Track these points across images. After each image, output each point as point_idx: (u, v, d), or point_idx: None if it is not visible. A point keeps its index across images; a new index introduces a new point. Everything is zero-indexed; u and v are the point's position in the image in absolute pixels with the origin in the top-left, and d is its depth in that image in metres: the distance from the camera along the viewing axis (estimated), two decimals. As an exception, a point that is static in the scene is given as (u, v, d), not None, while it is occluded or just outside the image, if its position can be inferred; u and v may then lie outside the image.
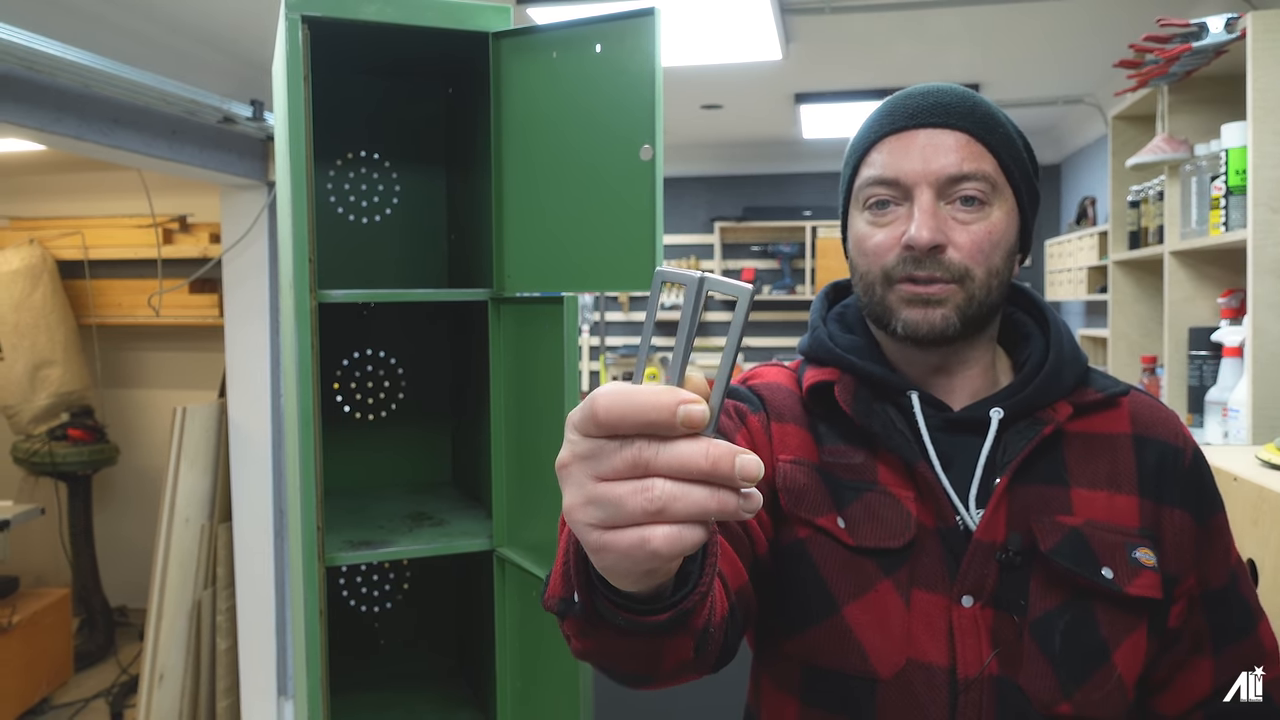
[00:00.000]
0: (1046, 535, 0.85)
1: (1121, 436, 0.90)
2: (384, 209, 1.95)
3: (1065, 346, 0.92)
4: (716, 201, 5.12)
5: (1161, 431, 0.91)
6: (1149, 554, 0.85)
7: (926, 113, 0.88)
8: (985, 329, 0.92)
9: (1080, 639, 0.83)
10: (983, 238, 0.86)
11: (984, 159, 0.87)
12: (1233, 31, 2.00)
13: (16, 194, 4.84)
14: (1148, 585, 0.84)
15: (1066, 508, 0.86)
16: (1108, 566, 0.84)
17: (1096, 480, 0.88)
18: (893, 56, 3.11)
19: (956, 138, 0.87)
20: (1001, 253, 0.88)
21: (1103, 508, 0.87)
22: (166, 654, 3.29)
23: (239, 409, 3.40)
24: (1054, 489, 0.87)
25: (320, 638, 1.42)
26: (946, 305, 0.87)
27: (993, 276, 0.87)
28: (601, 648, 0.68)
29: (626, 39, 1.32)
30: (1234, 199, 2.01)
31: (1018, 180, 0.89)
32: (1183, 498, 0.89)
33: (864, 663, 0.85)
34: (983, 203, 0.86)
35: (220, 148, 3.02)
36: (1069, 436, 0.89)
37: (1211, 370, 2.19)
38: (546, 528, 1.48)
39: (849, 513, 0.88)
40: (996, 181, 0.87)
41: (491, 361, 1.58)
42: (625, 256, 1.35)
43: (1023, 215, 0.91)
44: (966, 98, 0.90)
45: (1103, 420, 0.90)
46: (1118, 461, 0.89)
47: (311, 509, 1.42)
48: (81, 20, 2.43)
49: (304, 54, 1.38)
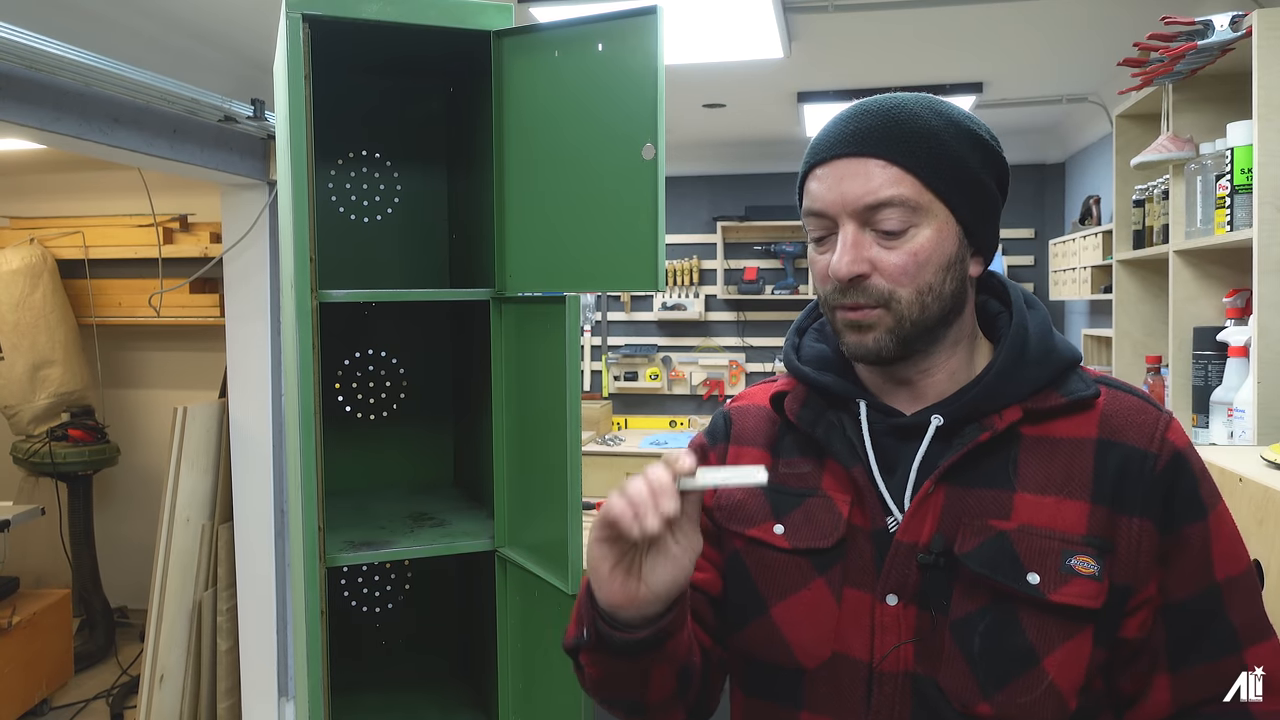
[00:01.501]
0: (967, 539, 0.86)
1: (1084, 441, 0.88)
2: (385, 208, 1.95)
3: (1029, 347, 0.90)
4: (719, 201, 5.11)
5: (1133, 436, 0.87)
6: (1088, 562, 0.84)
7: (845, 141, 0.89)
8: (937, 339, 0.92)
9: (1002, 642, 0.85)
10: (907, 261, 0.87)
11: (901, 182, 0.87)
12: (1238, 29, 1.99)
13: (17, 193, 4.84)
14: (1080, 594, 0.83)
15: (1004, 512, 0.87)
16: (1034, 572, 0.84)
17: (1047, 485, 0.87)
18: (895, 55, 3.11)
19: (870, 165, 0.87)
20: (933, 269, 0.88)
21: (1047, 513, 0.86)
22: (167, 655, 3.29)
23: (240, 409, 3.39)
24: (995, 493, 0.87)
25: (321, 638, 1.41)
26: (877, 329, 0.89)
27: (925, 294, 0.88)
28: (604, 672, 0.90)
29: (628, 38, 1.31)
30: (1239, 198, 2.00)
31: (949, 192, 0.88)
32: (1145, 505, 0.85)
33: (789, 656, 0.93)
34: (904, 227, 0.87)
35: (221, 147, 3.01)
36: (1026, 440, 0.89)
37: (1216, 370, 2.18)
38: (548, 528, 1.47)
39: (790, 519, 0.95)
40: (919, 203, 0.87)
41: (493, 361, 1.58)
42: (627, 256, 1.34)
43: (963, 224, 0.89)
44: (887, 115, 0.89)
45: (1067, 424, 0.89)
46: (1074, 466, 0.87)
47: (313, 509, 1.42)
48: (82, 19, 2.42)
49: (305, 53, 1.37)
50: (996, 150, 0.92)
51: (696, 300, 5.11)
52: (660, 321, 5.20)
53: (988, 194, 0.91)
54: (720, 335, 5.18)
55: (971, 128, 0.90)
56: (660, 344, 5.22)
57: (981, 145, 0.90)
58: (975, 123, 0.91)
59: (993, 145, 0.92)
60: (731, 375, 5.14)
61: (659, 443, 4.61)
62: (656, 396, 5.26)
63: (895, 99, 0.91)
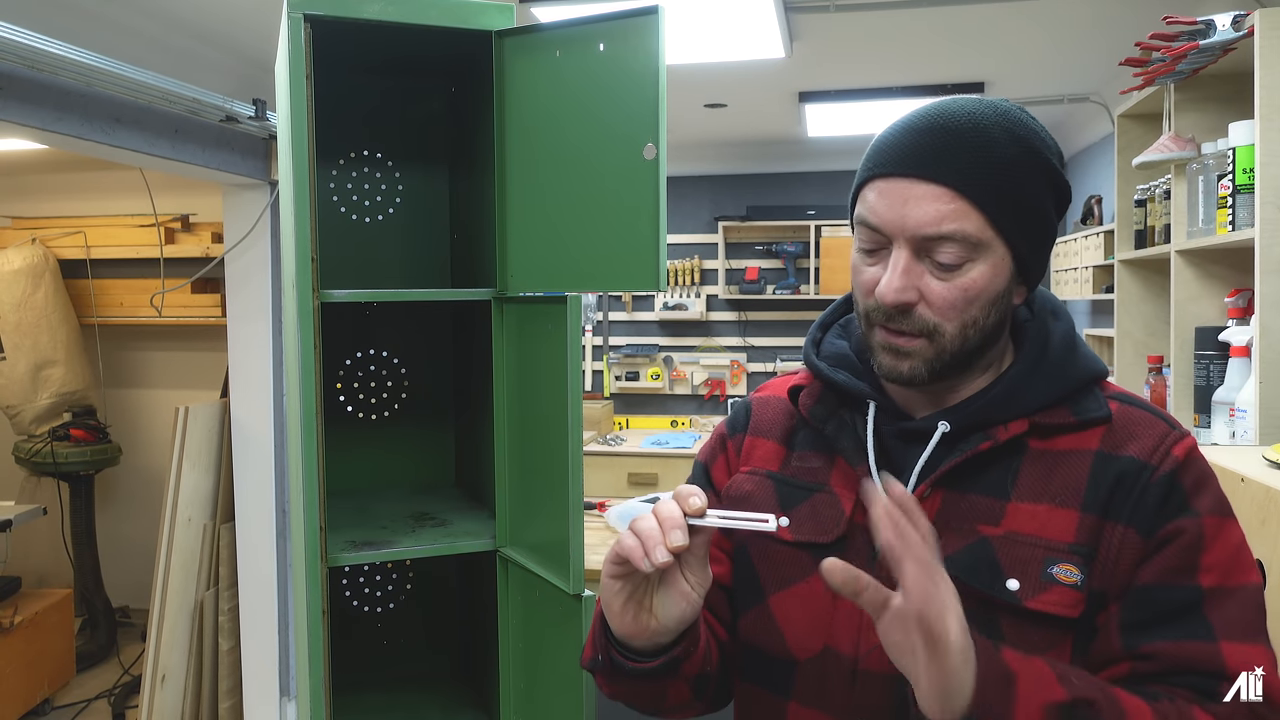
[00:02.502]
0: (950, 543, 0.86)
1: (1084, 453, 0.88)
2: (386, 208, 1.95)
3: (1045, 360, 0.91)
4: (720, 201, 5.11)
5: (1135, 448, 0.87)
6: (1071, 570, 0.84)
7: (915, 159, 0.85)
8: (971, 366, 0.92)
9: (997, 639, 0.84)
10: (957, 296, 0.85)
11: (966, 217, 0.83)
12: (1240, 29, 1.99)
13: (18, 193, 4.84)
14: (1058, 602, 0.83)
15: (994, 519, 0.87)
16: (1015, 579, 0.84)
17: (1042, 495, 0.87)
18: (897, 55, 3.10)
19: (938, 193, 0.84)
20: (981, 304, 0.87)
21: (1037, 521, 0.86)
22: (169, 654, 3.29)
23: (241, 409, 3.39)
24: (991, 500, 0.88)
25: (323, 638, 1.41)
26: (914, 358, 0.88)
27: (968, 328, 0.87)
28: (622, 690, 0.97)
29: (630, 37, 1.31)
30: (1241, 197, 2.00)
31: (1011, 230, 0.85)
32: (1132, 513, 0.85)
33: (783, 646, 0.95)
34: (962, 261, 0.85)
35: (222, 147, 3.01)
36: (1031, 453, 0.89)
37: (1218, 370, 2.17)
38: (549, 528, 1.47)
39: (797, 512, 0.96)
40: (980, 239, 0.84)
41: (494, 361, 1.58)
42: (628, 256, 1.34)
43: (1019, 259, 0.87)
44: (963, 137, 0.84)
45: (1072, 439, 0.89)
46: (1070, 477, 0.87)
47: (314, 509, 1.42)
48: (83, 19, 2.42)
49: (306, 53, 1.37)
50: (1061, 174, 0.89)
51: (698, 300, 5.11)
52: (662, 321, 5.20)
53: (1047, 226, 0.89)
54: (721, 335, 5.18)
55: (1045, 155, 0.87)
56: (661, 344, 5.22)
57: (1049, 173, 0.87)
58: (1047, 145, 0.87)
59: (1059, 170, 0.88)
60: (733, 375, 5.14)
61: (660, 443, 4.61)
62: (658, 396, 5.26)
63: (972, 113, 0.85)
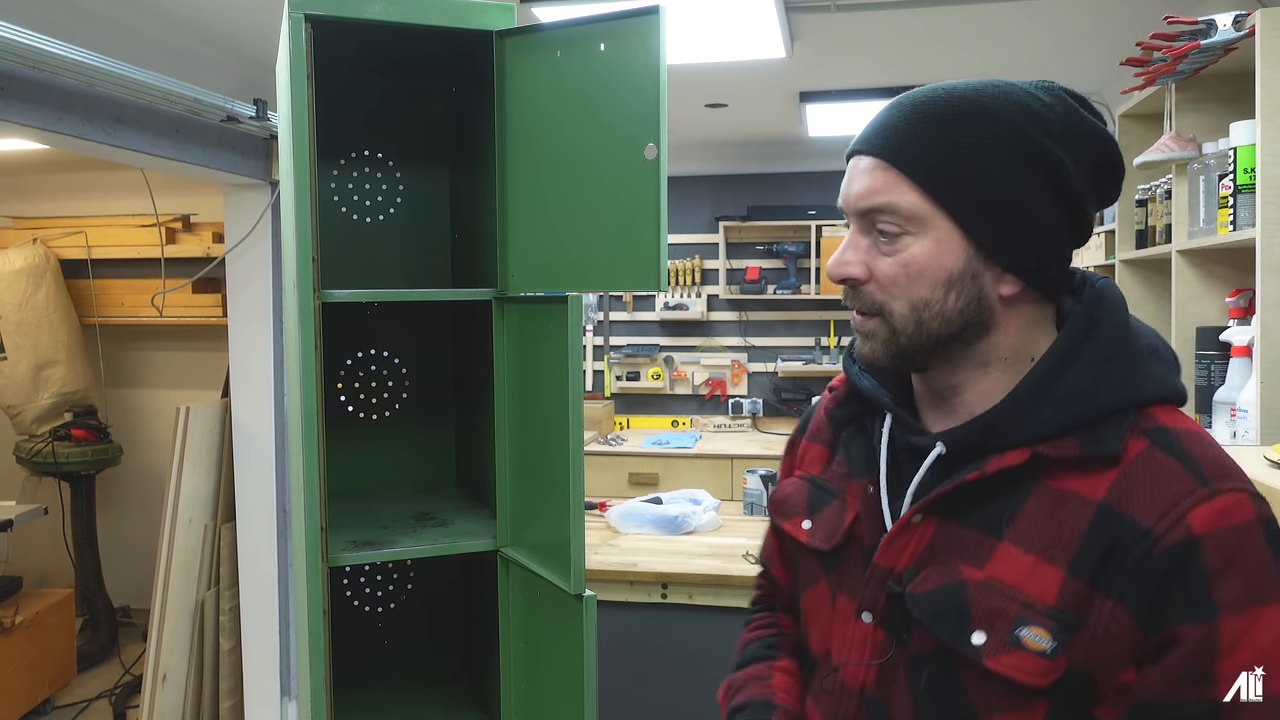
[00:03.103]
0: (928, 579, 0.82)
1: (1087, 502, 0.77)
2: (387, 208, 1.95)
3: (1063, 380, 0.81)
4: (721, 200, 5.11)
5: (1142, 507, 0.75)
6: (1042, 635, 0.75)
7: (864, 136, 0.85)
8: (953, 359, 0.86)
9: (945, 691, 0.81)
10: (898, 272, 0.82)
11: (896, 189, 0.81)
12: (1241, 29, 1.98)
13: (19, 193, 4.84)
14: (1020, 668, 0.76)
15: (980, 559, 0.80)
16: (982, 632, 0.78)
17: (1034, 542, 0.78)
18: (898, 55, 3.10)
19: (873, 165, 0.83)
20: (928, 284, 0.81)
21: (1022, 572, 0.78)
22: (170, 654, 3.29)
23: (242, 409, 3.39)
24: (982, 537, 0.81)
25: (324, 638, 1.41)
26: (874, 340, 0.86)
27: (919, 309, 0.82)
28: None
29: (630, 37, 1.31)
30: (1242, 197, 2.00)
31: (955, 206, 0.80)
32: (1125, 589, 0.74)
33: (807, 641, 0.99)
34: (898, 235, 0.82)
35: (223, 147, 3.01)
36: (1039, 489, 0.80)
37: (1220, 370, 2.17)
38: (550, 527, 1.47)
39: (819, 516, 0.96)
40: (914, 213, 0.81)
41: (495, 361, 1.58)
42: (629, 256, 1.34)
43: (976, 239, 0.81)
44: (913, 111, 0.82)
45: (1082, 480, 0.78)
46: (1066, 527, 0.77)
47: (315, 509, 1.42)
48: (84, 19, 2.42)
49: (307, 53, 1.37)
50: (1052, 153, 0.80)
51: (698, 300, 5.11)
52: (662, 321, 5.20)
53: (1022, 210, 0.80)
54: (722, 335, 5.18)
55: (1022, 132, 0.80)
56: (662, 344, 5.22)
57: (1025, 150, 0.80)
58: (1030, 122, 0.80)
59: (1049, 148, 0.80)
60: (734, 375, 5.13)
61: (661, 443, 4.60)
62: (658, 396, 5.26)
63: (935, 91, 0.83)
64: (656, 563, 2.52)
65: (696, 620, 2.46)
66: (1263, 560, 0.73)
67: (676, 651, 2.48)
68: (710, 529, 2.86)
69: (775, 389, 5.09)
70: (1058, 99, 0.83)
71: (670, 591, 2.48)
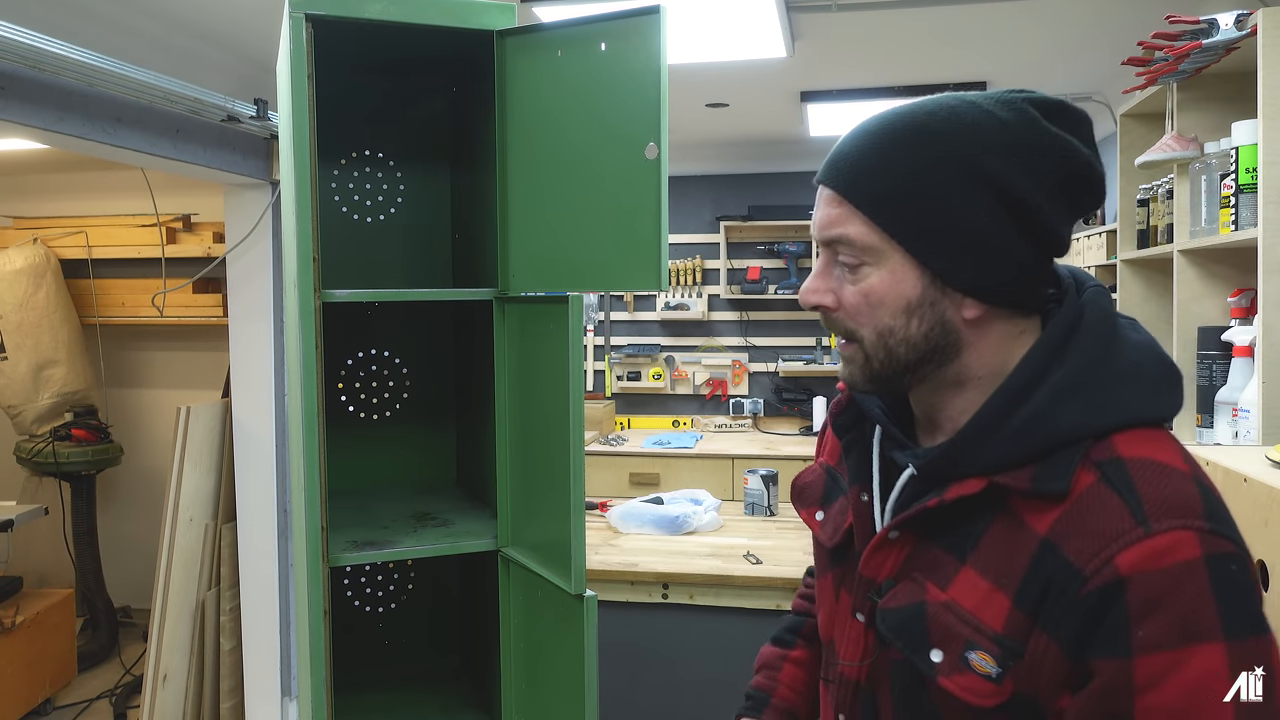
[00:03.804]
0: (899, 596, 0.85)
1: (1034, 536, 0.78)
2: (388, 208, 1.95)
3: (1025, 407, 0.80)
4: (721, 200, 5.11)
5: (1075, 547, 0.75)
6: (987, 661, 0.78)
7: (824, 166, 0.87)
8: (926, 380, 0.86)
9: (916, 698, 0.85)
10: (859, 301, 0.84)
11: (849, 222, 0.82)
12: (1243, 28, 1.98)
13: (20, 193, 4.85)
14: (969, 689, 0.79)
15: (945, 580, 0.82)
16: (940, 650, 0.80)
17: (990, 569, 0.80)
18: (899, 54, 3.10)
19: (830, 198, 0.85)
20: (890, 312, 0.83)
21: (978, 597, 0.80)
22: (170, 654, 3.29)
23: (243, 408, 3.39)
24: (949, 559, 0.82)
25: (324, 638, 1.41)
26: (852, 364, 0.88)
27: (885, 336, 0.83)
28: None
29: (631, 37, 1.31)
30: (1244, 197, 1.99)
31: (905, 237, 0.81)
32: (1057, 626, 0.75)
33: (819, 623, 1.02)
34: (857, 265, 0.83)
35: (224, 147, 3.01)
36: (1007, 513, 0.80)
37: (1221, 370, 2.17)
38: (551, 527, 1.47)
39: (830, 509, 1.00)
40: (867, 244, 0.82)
41: (496, 361, 1.57)
42: (630, 256, 1.34)
43: (932, 268, 0.81)
44: (859, 142, 0.83)
45: (1033, 512, 0.79)
46: (1013, 560, 0.78)
47: (316, 509, 1.41)
48: (85, 19, 2.42)
49: (308, 53, 1.37)
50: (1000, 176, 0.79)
51: (699, 300, 5.10)
52: (663, 321, 5.20)
53: (972, 235, 0.80)
54: (723, 335, 5.18)
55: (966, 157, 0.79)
56: (663, 344, 5.22)
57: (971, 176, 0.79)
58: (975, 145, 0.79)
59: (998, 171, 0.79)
60: (734, 375, 5.13)
61: (662, 443, 4.60)
62: (659, 396, 5.26)
63: (892, 116, 0.83)
64: (657, 563, 2.52)
65: (697, 620, 2.46)
66: (1199, 600, 0.71)
67: (677, 651, 2.48)
68: (711, 529, 2.86)
69: (776, 389, 5.09)
70: (1016, 112, 0.81)
71: (671, 592, 2.48)
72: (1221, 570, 0.72)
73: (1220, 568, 0.72)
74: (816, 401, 4.91)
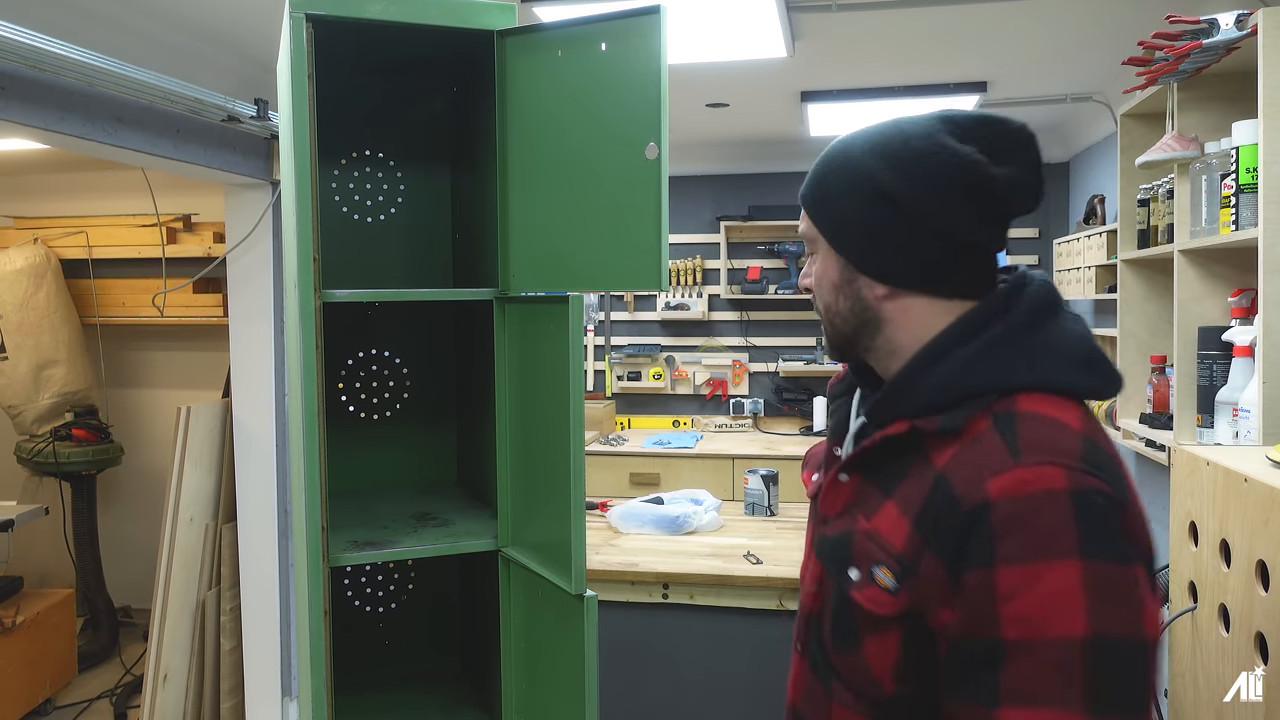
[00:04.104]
0: (833, 527, 1.00)
1: (933, 470, 0.91)
2: (388, 208, 1.95)
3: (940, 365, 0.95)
4: (722, 200, 5.10)
5: (959, 477, 0.88)
6: (888, 576, 0.91)
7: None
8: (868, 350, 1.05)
9: (844, 615, 0.97)
10: (812, 282, 1.07)
11: (804, 219, 1.06)
12: (1243, 28, 1.98)
13: (20, 193, 4.85)
14: (871, 599, 0.92)
15: (871, 512, 0.96)
16: (856, 569, 0.95)
17: (903, 501, 0.93)
18: (899, 55, 3.10)
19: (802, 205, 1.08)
20: (827, 290, 1.05)
21: (890, 524, 0.93)
22: (171, 654, 3.29)
23: (243, 408, 3.39)
24: (878, 493, 0.96)
25: (324, 638, 1.41)
26: (823, 336, 1.12)
27: (829, 310, 1.05)
28: None
29: (632, 37, 1.31)
30: (1245, 197, 1.99)
31: (826, 231, 1.03)
32: (940, 546, 0.87)
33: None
34: (811, 254, 1.07)
35: (224, 147, 3.01)
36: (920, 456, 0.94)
37: (1222, 370, 2.17)
38: (551, 527, 1.47)
39: (822, 471, 1.14)
40: (810, 236, 1.05)
41: (496, 361, 1.58)
42: (630, 256, 1.34)
43: (845, 254, 1.01)
44: (819, 160, 1.05)
45: (939, 451, 0.92)
46: (920, 489, 0.91)
47: (316, 509, 1.41)
48: (85, 18, 2.42)
49: (308, 53, 1.37)
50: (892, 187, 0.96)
51: (700, 300, 5.10)
52: (663, 321, 5.20)
53: (872, 233, 0.99)
54: (723, 335, 5.18)
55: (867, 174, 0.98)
56: (663, 344, 5.22)
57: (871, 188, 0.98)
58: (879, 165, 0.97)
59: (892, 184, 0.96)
60: (735, 375, 5.13)
61: (662, 443, 4.60)
62: (660, 396, 5.26)
63: (838, 143, 1.04)
64: (657, 563, 2.52)
65: (698, 620, 2.46)
66: (1058, 524, 0.82)
67: (677, 651, 2.48)
68: (711, 529, 2.86)
69: (776, 389, 5.09)
70: (925, 135, 0.96)
71: (671, 592, 2.48)
72: (1086, 501, 0.83)
73: (1085, 499, 0.83)
74: (817, 402, 4.91)
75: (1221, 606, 1.48)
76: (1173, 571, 1.72)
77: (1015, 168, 0.95)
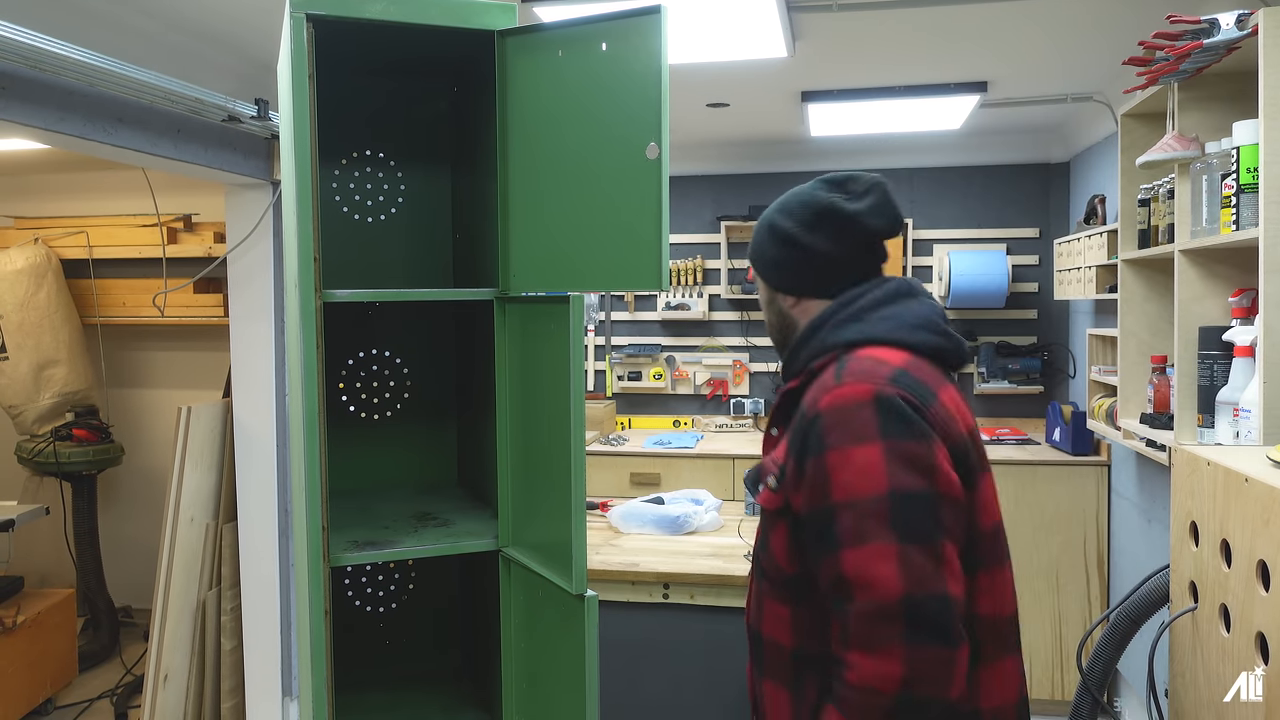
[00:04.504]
0: (756, 464, 1.36)
1: (800, 405, 1.28)
2: (389, 208, 1.95)
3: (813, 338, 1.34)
4: (722, 200, 5.10)
5: (807, 400, 1.26)
6: (774, 480, 1.28)
7: None
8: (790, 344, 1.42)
9: (761, 532, 1.34)
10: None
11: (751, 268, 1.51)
12: (1244, 28, 1.98)
13: (21, 193, 4.85)
14: (768, 500, 1.29)
15: (773, 448, 1.35)
16: (761, 483, 1.31)
17: (790, 431, 1.28)
18: (900, 55, 3.10)
19: None
20: (764, 311, 1.48)
21: (782, 449, 1.29)
22: (171, 654, 3.29)
23: (244, 408, 3.39)
24: (782, 433, 1.34)
25: (325, 638, 1.41)
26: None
27: (768, 324, 1.48)
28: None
29: (632, 37, 1.31)
30: (1245, 197, 1.99)
31: (756, 266, 1.45)
32: (794, 447, 1.24)
33: None
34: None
35: (225, 147, 3.01)
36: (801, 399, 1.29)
37: (1222, 370, 2.17)
38: (551, 527, 1.47)
39: None
40: (753, 277, 1.48)
41: (497, 361, 1.58)
42: (631, 256, 1.34)
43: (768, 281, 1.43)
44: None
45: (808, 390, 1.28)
46: (794, 421, 1.28)
47: (317, 509, 1.42)
48: (85, 18, 2.42)
49: (309, 53, 1.37)
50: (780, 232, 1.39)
51: (700, 300, 5.10)
52: (664, 321, 5.20)
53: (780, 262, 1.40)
54: (724, 335, 5.18)
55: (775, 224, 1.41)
56: (664, 344, 5.22)
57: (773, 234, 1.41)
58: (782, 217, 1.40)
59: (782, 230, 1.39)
60: (735, 375, 5.13)
61: (663, 443, 4.60)
62: (660, 396, 5.26)
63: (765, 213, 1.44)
64: (658, 563, 2.52)
65: (698, 620, 2.46)
66: (866, 420, 1.18)
67: (678, 651, 2.48)
68: (712, 529, 2.86)
69: (777, 389, 5.09)
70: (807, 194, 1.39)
71: (672, 592, 2.48)
72: (886, 404, 1.19)
73: (885, 402, 1.19)
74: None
75: (1222, 606, 1.48)
76: (1173, 571, 1.71)
77: (866, 202, 1.35)
